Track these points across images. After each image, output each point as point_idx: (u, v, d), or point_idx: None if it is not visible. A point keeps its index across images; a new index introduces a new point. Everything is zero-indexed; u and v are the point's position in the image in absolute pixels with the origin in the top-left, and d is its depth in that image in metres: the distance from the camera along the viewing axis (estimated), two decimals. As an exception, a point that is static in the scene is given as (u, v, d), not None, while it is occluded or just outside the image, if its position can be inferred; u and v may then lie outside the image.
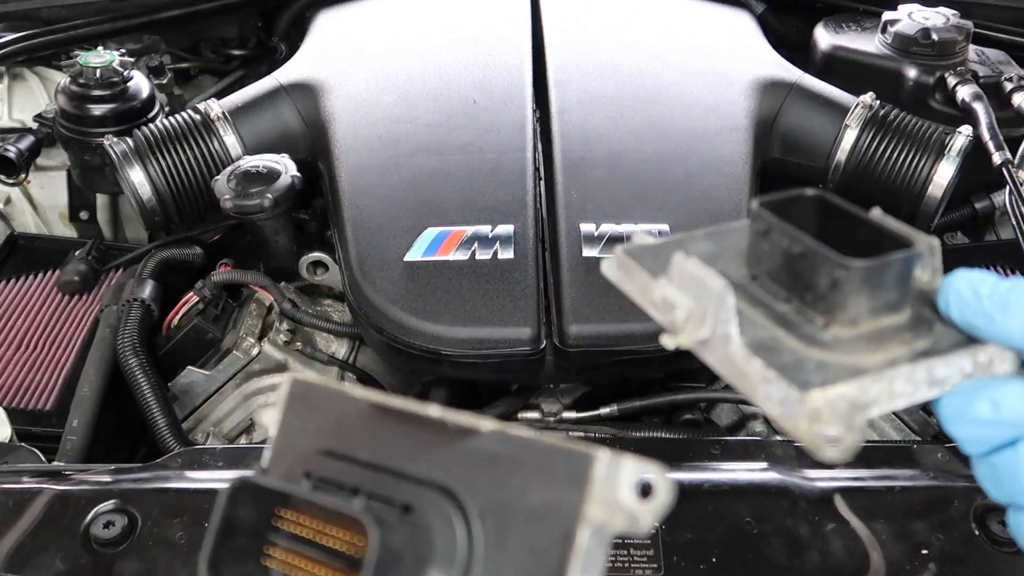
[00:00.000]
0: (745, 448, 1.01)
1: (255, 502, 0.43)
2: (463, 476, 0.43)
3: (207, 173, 1.35)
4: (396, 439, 0.45)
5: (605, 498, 0.40)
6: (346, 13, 1.72)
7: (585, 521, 0.40)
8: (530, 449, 0.42)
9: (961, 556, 0.86)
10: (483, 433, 0.44)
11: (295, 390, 0.50)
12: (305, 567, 0.42)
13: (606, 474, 0.40)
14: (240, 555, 0.43)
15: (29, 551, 0.86)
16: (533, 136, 1.31)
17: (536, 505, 0.41)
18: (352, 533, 0.41)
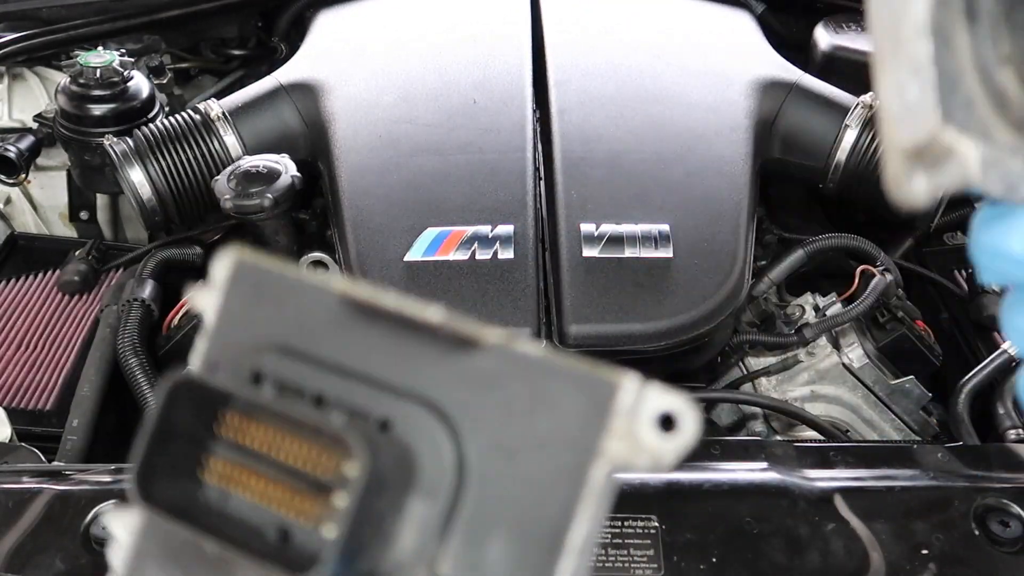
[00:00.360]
0: (745, 448, 1.01)
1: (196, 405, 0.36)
2: (456, 392, 0.36)
3: (207, 173, 1.35)
4: (373, 343, 0.37)
5: (626, 432, 0.34)
6: (346, 13, 1.72)
7: (602, 456, 0.34)
8: (540, 368, 0.36)
9: (961, 556, 0.86)
10: (485, 346, 0.37)
11: (241, 272, 0.40)
12: (250, 483, 0.35)
13: (631, 404, 0.35)
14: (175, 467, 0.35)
15: (29, 551, 0.86)
16: (533, 136, 1.31)
17: (543, 433, 0.35)
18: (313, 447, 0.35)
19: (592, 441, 0.34)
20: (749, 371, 1.28)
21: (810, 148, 1.38)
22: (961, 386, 1.17)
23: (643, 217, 1.18)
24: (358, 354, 0.37)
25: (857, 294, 1.28)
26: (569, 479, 0.34)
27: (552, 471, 0.34)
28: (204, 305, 0.40)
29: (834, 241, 1.30)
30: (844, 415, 1.27)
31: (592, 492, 0.34)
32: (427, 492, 0.35)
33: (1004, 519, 0.87)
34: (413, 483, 0.35)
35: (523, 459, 0.35)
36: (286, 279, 0.39)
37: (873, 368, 1.25)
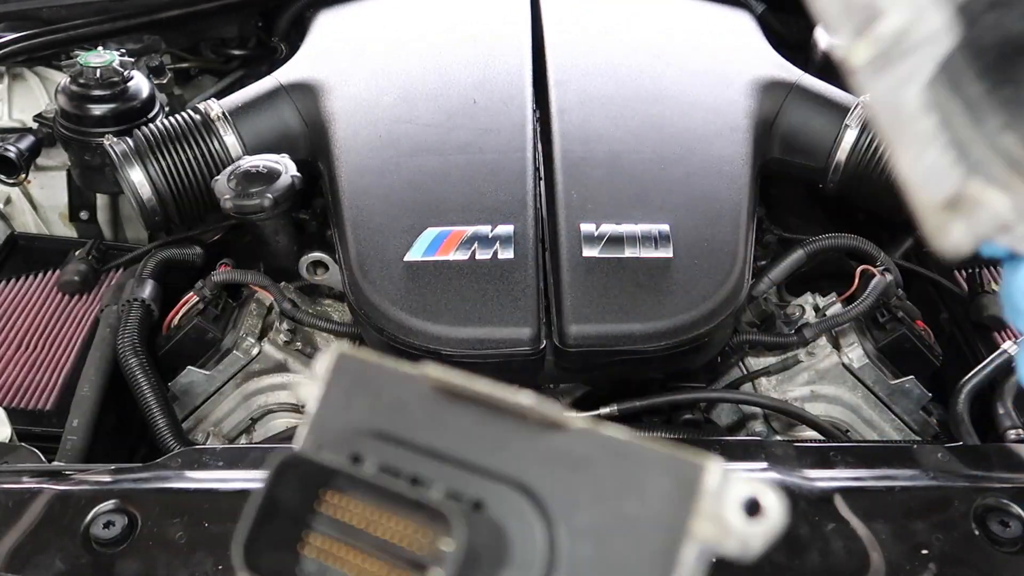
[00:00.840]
0: (745, 448, 1.01)
1: (302, 481, 0.38)
2: (545, 475, 0.37)
3: (207, 173, 1.35)
4: (463, 427, 0.39)
5: (713, 514, 0.35)
6: (346, 13, 1.72)
7: (692, 537, 0.35)
8: (626, 451, 0.37)
9: (961, 556, 0.85)
10: (571, 430, 0.38)
11: (341, 364, 0.43)
12: (348, 558, 0.37)
13: (717, 487, 0.35)
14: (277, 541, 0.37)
15: (29, 551, 0.86)
16: (533, 136, 1.31)
17: (632, 514, 0.36)
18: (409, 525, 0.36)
19: (681, 522, 0.35)
20: (749, 371, 1.28)
21: (810, 148, 1.38)
22: (961, 386, 1.17)
23: (643, 217, 1.18)
24: (451, 438, 0.39)
25: (857, 294, 1.28)
26: (660, 560, 0.35)
27: (642, 552, 0.35)
28: (307, 395, 0.43)
29: (834, 241, 1.30)
30: (844, 415, 1.27)
31: (684, 572, 0.35)
32: (520, 570, 0.36)
33: (1004, 519, 0.87)
34: (506, 561, 0.36)
35: (613, 540, 0.36)
36: (383, 369, 0.42)
37: (873, 368, 1.25)
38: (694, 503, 0.35)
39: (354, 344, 1.33)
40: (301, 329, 1.33)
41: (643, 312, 1.10)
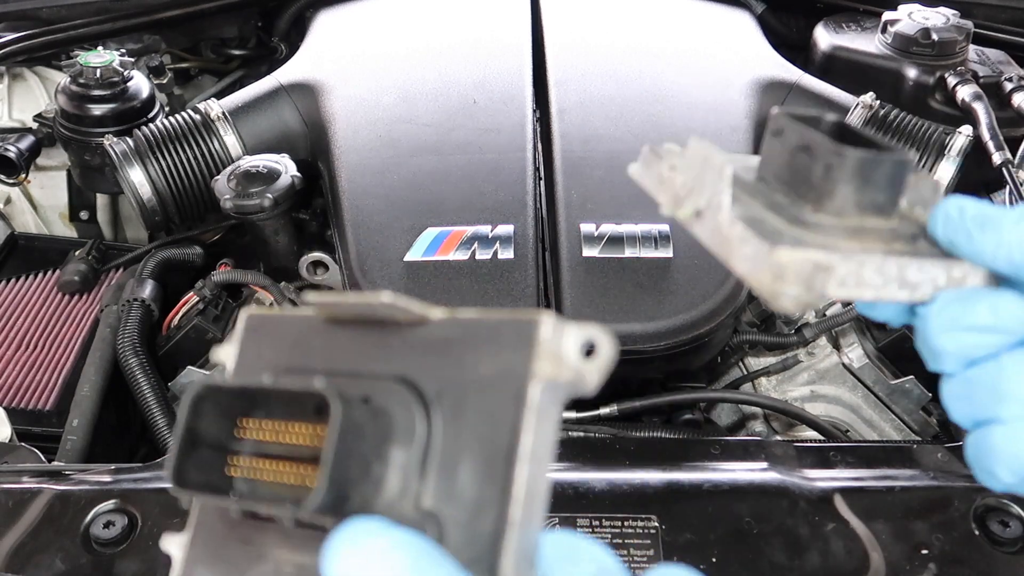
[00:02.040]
0: (745, 448, 1.01)
1: (217, 412, 0.43)
2: (417, 363, 0.43)
3: (207, 173, 1.35)
4: (351, 345, 0.45)
5: (552, 356, 0.41)
6: (346, 13, 1.72)
7: (534, 377, 0.40)
8: (478, 326, 0.43)
9: (961, 556, 0.86)
10: (433, 321, 0.44)
11: (251, 323, 0.49)
12: (269, 468, 0.42)
13: (551, 334, 0.41)
14: (205, 466, 0.42)
15: (29, 551, 0.86)
16: (533, 136, 1.31)
17: (488, 374, 0.42)
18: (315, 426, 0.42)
19: (525, 367, 0.41)
20: (749, 371, 1.28)
21: None
22: (961, 386, 1.17)
23: (643, 217, 1.18)
24: (342, 356, 0.45)
25: (857, 294, 1.28)
26: (513, 402, 0.41)
27: (499, 400, 0.41)
28: (224, 356, 0.49)
29: (834, 241, 1.30)
30: (844, 415, 1.27)
31: (532, 407, 0.40)
32: (404, 442, 0.41)
33: (1004, 519, 0.87)
34: (391, 436, 0.41)
35: (476, 398, 0.42)
36: (284, 318, 0.49)
37: (873, 368, 1.25)
38: (533, 349, 0.41)
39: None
40: (301, 329, 1.33)
41: (643, 312, 1.10)
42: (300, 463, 0.42)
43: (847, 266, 0.47)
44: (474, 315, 0.44)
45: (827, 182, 0.48)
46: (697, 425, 1.22)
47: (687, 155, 0.53)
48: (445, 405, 0.42)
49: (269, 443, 0.43)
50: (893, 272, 0.48)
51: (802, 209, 0.49)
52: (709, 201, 0.50)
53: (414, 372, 0.43)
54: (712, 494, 0.92)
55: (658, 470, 0.94)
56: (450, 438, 0.41)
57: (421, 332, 0.44)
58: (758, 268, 0.46)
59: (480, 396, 0.41)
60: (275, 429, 0.43)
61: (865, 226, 0.49)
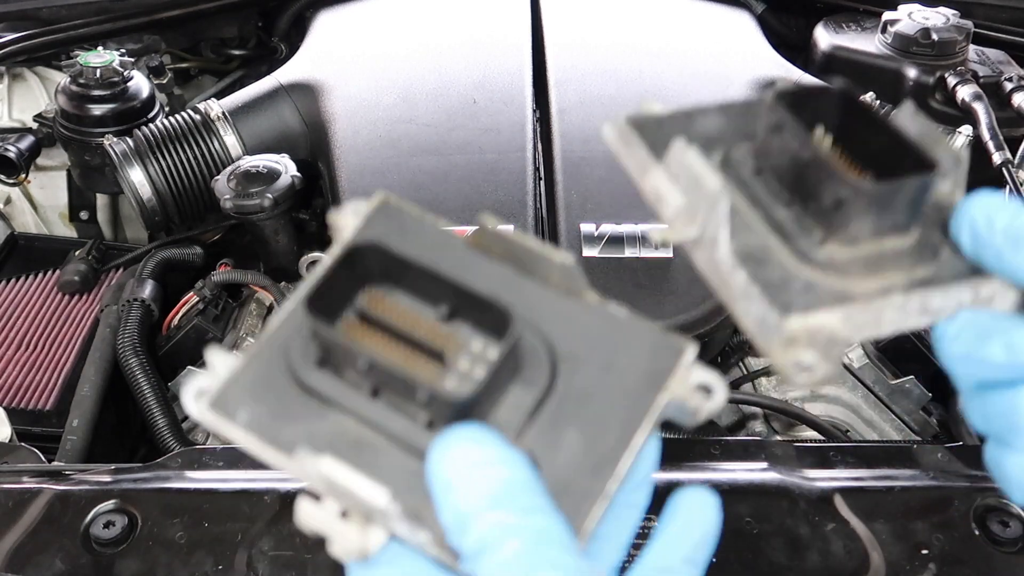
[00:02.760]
0: (745, 448, 1.01)
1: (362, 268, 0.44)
2: (556, 325, 0.45)
3: (207, 173, 1.35)
4: (491, 277, 0.46)
5: (683, 380, 0.44)
6: (346, 13, 1.72)
7: (667, 390, 0.44)
8: (626, 324, 0.46)
9: (961, 556, 0.86)
10: (585, 300, 0.46)
11: (384, 209, 0.48)
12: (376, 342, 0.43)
13: (690, 363, 0.45)
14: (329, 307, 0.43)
15: (29, 551, 0.86)
16: (533, 136, 1.31)
17: (623, 367, 0.45)
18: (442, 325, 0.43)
19: (661, 377, 0.44)
20: (749, 371, 1.28)
21: None
22: (961, 386, 1.17)
23: (643, 217, 1.18)
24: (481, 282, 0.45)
25: (857, 294, 1.28)
26: (639, 399, 0.44)
27: (627, 392, 0.44)
28: (344, 224, 0.47)
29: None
30: (844, 415, 1.27)
31: (654, 412, 0.43)
32: (525, 384, 0.43)
33: (1004, 519, 0.87)
34: (516, 375, 0.43)
35: (605, 381, 0.44)
36: (424, 221, 0.48)
37: (873, 368, 1.25)
38: (673, 367, 0.44)
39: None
40: (301, 329, 1.33)
41: (643, 312, 1.09)
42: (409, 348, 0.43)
43: (866, 316, 0.43)
44: (625, 313, 0.47)
45: (840, 213, 0.43)
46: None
47: (672, 163, 0.47)
48: (572, 371, 0.44)
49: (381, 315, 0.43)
50: (915, 307, 0.44)
51: (810, 237, 0.44)
52: (703, 232, 0.45)
53: (552, 330, 0.45)
54: (712, 494, 0.92)
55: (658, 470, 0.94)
56: (567, 402, 0.43)
57: (569, 301, 0.46)
58: (767, 334, 0.43)
59: (608, 380, 0.44)
60: (399, 312, 0.44)
61: (883, 251, 0.44)
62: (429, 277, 0.43)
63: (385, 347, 0.43)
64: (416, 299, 0.44)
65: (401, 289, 0.44)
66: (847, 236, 0.44)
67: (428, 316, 0.44)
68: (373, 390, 0.42)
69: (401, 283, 0.44)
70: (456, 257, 0.47)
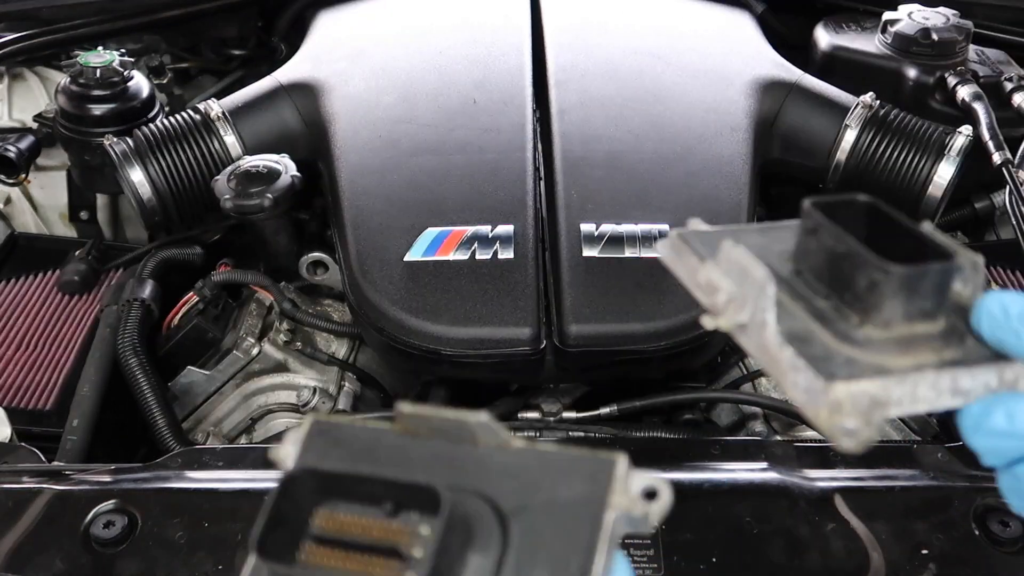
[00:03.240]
0: (745, 448, 1.01)
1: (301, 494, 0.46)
2: (494, 482, 0.47)
3: (207, 173, 1.35)
4: (427, 457, 0.49)
5: (624, 491, 0.46)
6: (346, 13, 1.72)
7: (611, 507, 0.45)
8: (556, 457, 0.48)
9: (961, 556, 0.86)
10: (513, 448, 0.49)
11: (316, 428, 0.51)
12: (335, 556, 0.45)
13: (625, 473, 0.46)
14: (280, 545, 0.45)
15: (29, 551, 0.86)
16: (533, 136, 1.31)
17: (564, 499, 0.46)
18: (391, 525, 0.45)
19: (602, 496, 0.46)
20: (749, 371, 1.28)
21: (810, 148, 1.38)
22: (961, 386, 1.17)
23: (643, 217, 1.18)
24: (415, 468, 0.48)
25: (857, 294, 1.28)
26: (588, 525, 0.45)
27: (574, 522, 0.45)
28: (284, 456, 0.50)
29: (834, 241, 1.30)
30: (844, 415, 1.26)
31: (606, 532, 0.45)
32: (481, 548, 0.45)
33: (1004, 519, 0.87)
34: (471, 543, 0.45)
35: (551, 518, 0.46)
36: (354, 427, 0.51)
37: (873, 368, 1.25)
38: (610, 483, 0.46)
39: (353, 345, 1.33)
40: (301, 329, 1.33)
41: (643, 312, 1.10)
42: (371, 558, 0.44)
43: (902, 388, 0.47)
44: (552, 448, 0.49)
45: (873, 296, 0.49)
46: (697, 425, 1.22)
47: (722, 260, 0.53)
48: (521, 522, 0.46)
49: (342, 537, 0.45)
50: (946, 385, 0.48)
51: (848, 322, 0.50)
52: (752, 317, 0.50)
53: (492, 489, 0.47)
54: (712, 494, 0.92)
55: (658, 470, 0.94)
56: (525, 551, 0.45)
57: (499, 455, 0.48)
58: (814, 402, 0.47)
59: (555, 517, 0.46)
60: (352, 523, 0.45)
61: (915, 334, 0.49)
62: (365, 481, 0.46)
63: (347, 561, 0.45)
64: (362, 505, 0.46)
65: (346, 501, 0.46)
66: (881, 319, 0.49)
67: (377, 517, 0.46)
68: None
69: (344, 495, 0.46)
70: (389, 452, 0.49)
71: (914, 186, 1.32)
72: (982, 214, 1.56)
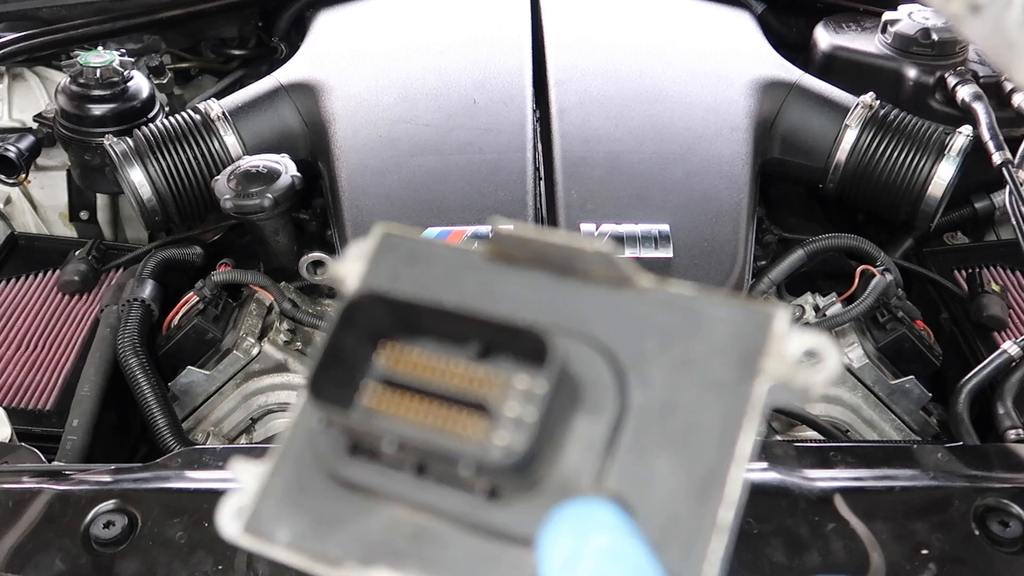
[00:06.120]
0: (745, 448, 1.01)
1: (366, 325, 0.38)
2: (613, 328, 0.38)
3: (207, 173, 1.35)
4: (524, 291, 0.39)
5: (780, 355, 0.37)
6: (346, 13, 1.72)
7: (763, 374, 0.36)
8: (694, 304, 0.38)
9: (961, 556, 0.85)
10: (639, 286, 0.39)
11: (387, 242, 0.42)
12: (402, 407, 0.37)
13: (785, 330, 0.37)
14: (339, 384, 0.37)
15: (29, 551, 0.86)
16: (533, 136, 1.31)
17: (702, 356, 0.37)
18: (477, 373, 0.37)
19: (752, 360, 0.36)
20: (749, 371, 1.28)
21: (810, 148, 1.38)
22: (961, 386, 1.17)
23: (643, 217, 1.18)
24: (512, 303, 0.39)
25: (857, 294, 1.28)
26: (732, 394, 0.36)
27: (714, 388, 0.36)
28: (348, 272, 0.41)
29: (834, 241, 1.30)
30: (844, 415, 1.27)
31: (756, 405, 0.36)
32: (591, 412, 0.36)
33: (1004, 519, 0.87)
34: (577, 404, 0.36)
35: (684, 379, 0.37)
36: (432, 245, 0.41)
37: (873, 368, 1.25)
38: (764, 343, 0.37)
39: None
40: (301, 329, 1.33)
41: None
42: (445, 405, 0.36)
43: None
44: (690, 291, 0.39)
45: None
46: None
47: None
48: (643, 381, 0.37)
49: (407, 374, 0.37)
50: None
51: None
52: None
53: (607, 336, 0.38)
54: (712, 494, 0.92)
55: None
56: (646, 421, 0.36)
57: (617, 294, 0.39)
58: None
59: (689, 379, 0.37)
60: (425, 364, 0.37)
61: None
62: (447, 316, 0.37)
63: (418, 411, 0.37)
64: (441, 344, 0.38)
65: (422, 336, 0.38)
66: None
67: (459, 360, 0.37)
68: (418, 467, 0.37)
69: (420, 330, 0.38)
70: (477, 279, 0.40)
71: (914, 186, 1.32)
72: (982, 214, 1.56)
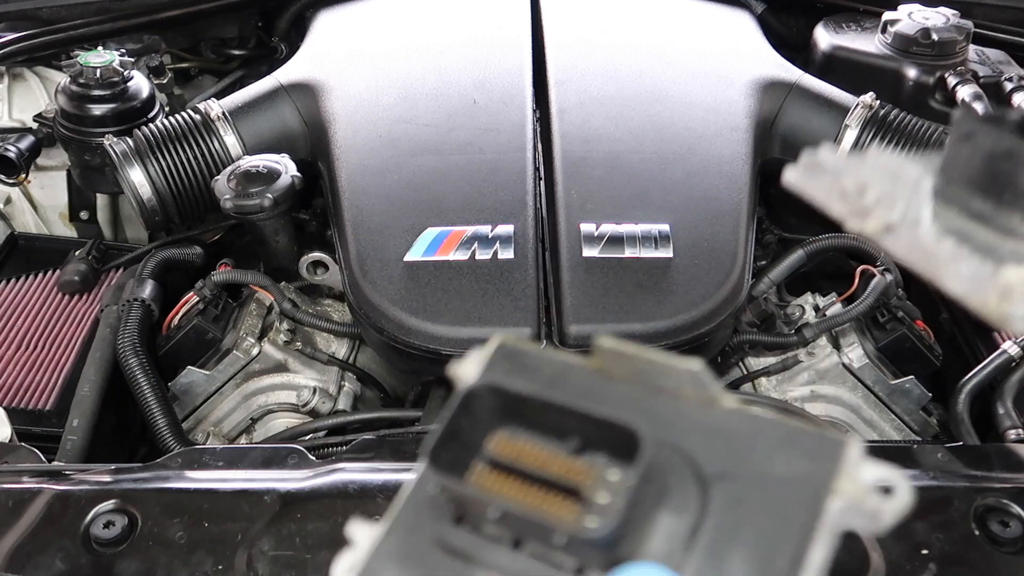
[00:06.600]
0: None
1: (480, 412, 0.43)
2: (699, 441, 0.43)
3: (207, 173, 1.35)
4: (622, 400, 0.44)
5: (853, 479, 0.40)
6: (346, 13, 1.72)
7: (836, 493, 0.40)
8: (773, 427, 0.43)
9: (961, 556, 0.85)
10: (723, 406, 0.44)
11: (503, 351, 0.47)
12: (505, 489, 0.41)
13: (858, 458, 0.41)
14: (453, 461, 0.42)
15: (29, 551, 0.86)
16: (533, 136, 1.31)
17: (780, 475, 0.41)
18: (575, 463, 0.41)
19: (826, 480, 0.41)
20: (749, 371, 1.28)
21: (810, 148, 1.38)
22: (961, 386, 1.17)
23: (643, 217, 1.18)
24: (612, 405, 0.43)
25: (857, 294, 1.28)
26: (807, 509, 0.40)
27: (790, 503, 0.40)
28: (465, 374, 0.46)
29: (834, 241, 1.30)
30: (844, 415, 1.27)
31: (828, 521, 0.40)
32: (675, 511, 0.41)
33: (1004, 519, 0.87)
34: (663, 502, 0.41)
35: (762, 492, 0.41)
36: (543, 355, 0.47)
37: (873, 368, 1.25)
38: (838, 468, 0.40)
39: (353, 345, 1.33)
40: (301, 329, 1.33)
41: (643, 312, 1.10)
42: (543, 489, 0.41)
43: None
44: (769, 415, 0.44)
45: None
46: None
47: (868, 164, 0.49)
48: (724, 490, 0.41)
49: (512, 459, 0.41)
50: None
51: (1011, 219, 0.46)
52: (904, 215, 0.47)
53: (694, 448, 0.43)
54: (712, 494, 0.92)
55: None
56: (725, 523, 0.40)
57: (705, 412, 0.44)
58: (980, 289, 0.44)
59: (766, 493, 0.41)
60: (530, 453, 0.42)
61: None
62: (553, 410, 0.42)
63: (519, 492, 0.41)
64: (544, 436, 0.42)
65: (528, 428, 0.42)
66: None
67: (559, 452, 0.41)
68: (515, 541, 0.41)
69: (526, 422, 0.43)
70: (580, 386, 0.45)
71: (914, 186, 1.32)
72: (982, 214, 1.56)
